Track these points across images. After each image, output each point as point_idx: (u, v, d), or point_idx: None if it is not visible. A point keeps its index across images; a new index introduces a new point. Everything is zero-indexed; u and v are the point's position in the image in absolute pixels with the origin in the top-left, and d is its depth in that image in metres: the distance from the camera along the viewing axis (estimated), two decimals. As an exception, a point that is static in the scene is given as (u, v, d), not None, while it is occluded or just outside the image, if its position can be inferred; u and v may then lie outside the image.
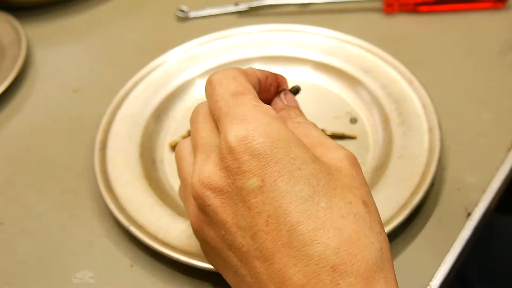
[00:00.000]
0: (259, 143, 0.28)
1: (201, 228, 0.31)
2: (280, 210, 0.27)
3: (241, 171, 0.28)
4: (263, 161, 0.28)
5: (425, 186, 0.39)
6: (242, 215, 0.28)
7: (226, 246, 0.29)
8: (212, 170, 0.29)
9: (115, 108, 0.49)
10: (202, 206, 0.30)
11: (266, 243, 0.27)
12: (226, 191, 0.28)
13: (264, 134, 0.28)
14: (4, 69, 0.55)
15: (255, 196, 0.27)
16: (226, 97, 0.31)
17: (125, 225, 0.40)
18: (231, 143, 0.28)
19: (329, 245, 0.26)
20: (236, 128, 0.28)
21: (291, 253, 0.26)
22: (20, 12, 0.62)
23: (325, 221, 0.26)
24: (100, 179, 0.43)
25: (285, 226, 0.27)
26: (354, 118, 0.47)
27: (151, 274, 0.39)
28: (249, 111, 0.29)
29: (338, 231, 0.26)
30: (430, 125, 0.43)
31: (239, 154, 0.28)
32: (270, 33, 0.54)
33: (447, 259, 0.38)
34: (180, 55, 0.53)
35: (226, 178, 0.28)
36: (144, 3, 0.65)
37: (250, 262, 0.28)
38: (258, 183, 0.27)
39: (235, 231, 0.28)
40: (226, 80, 0.32)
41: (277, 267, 0.26)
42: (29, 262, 0.41)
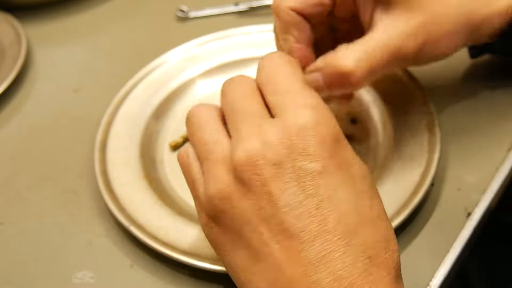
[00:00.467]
0: (328, 135, 0.29)
1: (230, 197, 0.30)
2: (333, 198, 0.28)
3: (306, 153, 0.29)
4: (327, 151, 0.29)
5: (425, 186, 0.39)
6: (293, 193, 0.28)
7: (259, 219, 0.29)
8: (272, 142, 0.29)
9: (115, 108, 0.49)
10: (247, 174, 0.29)
11: (311, 225, 0.28)
12: (282, 166, 0.29)
13: (333, 127, 0.30)
14: (4, 69, 0.55)
15: (313, 179, 0.28)
16: (299, 79, 0.32)
17: (125, 225, 0.40)
18: (302, 124, 0.29)
19: (368, 239, 0.28)
20: (311, 112, 0.29)
21: (334, 239, 0.27)
22: (20, 12, 0.62)
23: (366, 217, 0.29)
24: (100, 179, 0.43)
25: (334, 213, 0.28)
26: (354, 118, 0.47)
27: (151, 274, 0.39)
28: (321, 103, 0.31)
29: (375, 229, 0.29)
30: (430, 125, 0.43)
31: (309, 136, 0.29)
32: (270, 33, 0.54)
33: (447, 259, 0.38)
34: (180, 55, 0.53)
35: (286, 154, 0.29)
36: (144, 3, 0.65)
37: (286, 240, 0.28)
38: (318, 168, 0.28)
39: (281, 206, 0.28)
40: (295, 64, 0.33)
41: (316, 250, 0.27)
42: (29, 262, 0.41)
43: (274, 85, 0.32)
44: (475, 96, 0.48)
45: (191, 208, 0.42)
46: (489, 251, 0.60)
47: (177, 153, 0.46)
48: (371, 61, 0.36)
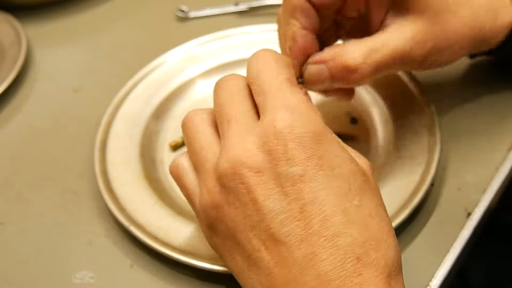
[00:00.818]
0: (307, 136, 0.29)
1: (219, 206, 0.30)
2: (316, 201, 0.28)
3: (285, 158, 0.29)
4: (308, 153, 0.29)
5: (425, 186, 0.39)
6: (277, 199, 0.28)
7: (248, 227, 0.29)
8: (252, 151, 0.29)
9: (115, 108, 0.49)
10: (232, 183, 0.29)
11: (296, 230, 0.28)
12: (264, 174, 0.29)
13: (314, 128, 0.29)
14: (4, 69, 0.55)
15: (294, 184, 0.28)
16: (281, 77, 0.31)
17: (125, 225, 0.40)
18: (279, 127, 0.29)
19: (357, 239, 0.28)
20: (287, 115, 0.29)
21: (320, 241, 0.27)
22: (20, 12, 0.62)
23: (355, 217, 0.28)
24: (100, 179, 0.43)
25: (319, 216, 0.28)
26: (354, 118, 0.47)
27: (151, 274, 0.39)
28: (301, 103, 0.30)
29: (365, 228, 0.28)
30: (430, 125, 0.43)
31: (286, 140, 0.29)
32: (270, 33, 0.54)
33: (447, 259, 0.38)
34: (180, 55, 0.53)
35: (267, 161, 0.29)
36: (144, 3, 0.65)
37: (273, 245, 0.28)
38: (299, 172, 0.28)
39: (265, 212, 0.28)
40: (282, 62, 0.32)
41: (303, 253, 0.27)
42: (29, 262, 0.41)
43: (258, 84, 0.32)
44: (475, 96, 0.48)
45: (191, 208, 0.42)
46: (489, 251, 0.60)
47: (177, 153, 0.47)
48: (378, 59, 0.36)
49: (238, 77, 0.33)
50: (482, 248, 0.58)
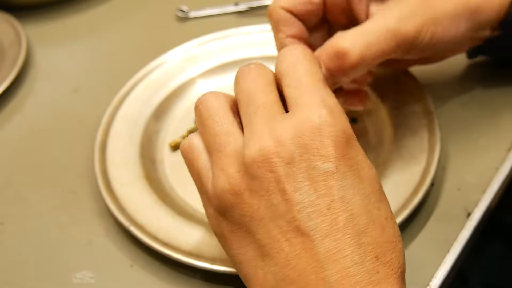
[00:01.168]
0: (341, 136, 0.29)
1: (240, 193, 0.30)
2: (344, 199, 0.29)
3: (319, 153, 0.29)
4: (340, 152, 0.29)
5: (425, 186, 0.39)
6: (306, 192, 0.29)
7: (270, 216, 0.29)
8: (286, 141, 0.29)
9: (115, 108, 0.49)
10: (260, 171, 0.29)
11: (321, 224, 0.28)
12: (296, 166, 0.29)
13: (346, 129, 0.30)
14: (4, 69, 0.55)
15: (325, 180, 0.29)
16: (318, 77, 0.32)
17: (125, 225, 0.40)
18: (317, 124, 0.29)
19: (376, 239, 0.29)
20: (325, 113, 0.30)
21: (343, 238, 0.28)
22: (20, 12, 0.62)
23: (375, 219, 0.29)
24: (100, 179, 0.43)
25: (345, 213, 0.28)
26: (354, 118, 0.47)
27: (151, 274, 0.39)
28: (336, 105, 0.31)
29: (384, 230, 0.29)
30: (430, 125, 0.43)
31: (322, 137, 0.29)
32: (271, 33, 0.54)
33: (447, 259, 0.38)
34: (180, 55, 0.53)
35: (300, 153, 0.29)
36: (144, 3, 0.65)
37: (295, 237, 0.28)
38: (332, 169, 0.29)
39: (293, 203, 0.29)
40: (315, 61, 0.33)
41: (326, 248, 0.28)
42: (29, 262, 0.41)
43: (294, 77, 0.32)
44: (475, 96, 0.48)
45: (191, 208, 0.42)
46: (489, 251, 0.60)
47: (177, 153, 0.47)
48: (368, 39, 0.36)
49: (265, 68, 0.33)
50: (482, 248, 0.58)
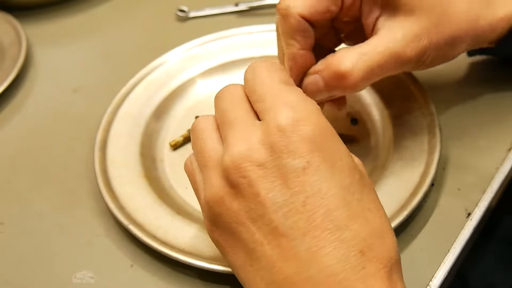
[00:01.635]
0: (310, 129, 0.29)
1: (222, 201, 0.31)
2: (320, 194, 0.28)
3: (288, 150, 0.29)
4: (311, 146, 0.29)
5: (425, 186, 0.39)
6: (279, 192, 0.29)
7: (251, 220, 0.29)
8: (255, 144, 0.30)
9: (116, 107, 0.49)
10: (234, 177, 0.30)
11: (299, 223, 0.28)
12: (266, 167, 0.29)
13: (316, 122, 0.30)
14: (4, 69, 0.55)
15: (297, 177, 0.29)
16: (277, 81, 0.32)
17: (124, 223, 0.40)
18: (283, 121, 0.29)
19: (360, 233, 0.28)
20: (289, 110, 0.30)
21: (323, 235, 0.28)
22: (20, 12, 0.62)
23: (357, 211, 0.29)
24: (100, 178, 0.43)
25: (322, 209, 0.28)
26: (354, 119, 0.47)
27: (151, 274, 0.39)
28: (301, 99, 0.31)
29: (367, 222, 0.29)
30: (430, 125, 0.43)
31: (289, 133, 0.29)
32: (271, 33, 0.54)
33: (447, 259, 0.38)
34: (180, 55, 0.53)
35: (269, 154, 0.29)
36: (144, 3, 0.65)
37: (276, 239, 0.29)
38: (302, 164, 0.29)
39: (268, 205, 0.29)
40: (274, 67, 0.33)
41: (306, 246, 0.28)
42: (29, 262, 0.41)
43: (256, 93, 0.32)
44: (475, 97, 0.48)
45: (190, 207, 0.42)
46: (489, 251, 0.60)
47: (177, 152, 0.47)
48: (369, 63, 0.36)
49: (237, 86, 0.34)
50: (482, 248, 0.58)
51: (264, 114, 0.31)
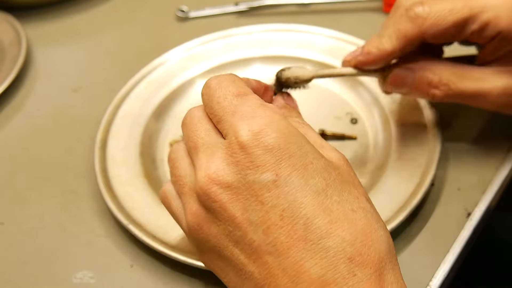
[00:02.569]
0: (273, 138, 0.28)
1: (201, 226, 0.30)
2: (295, 204, 0.27)
3: (254, 166, 0.28)
4: (277, 156, 0.28)
5: (425, 186, 0.39)
6: (254, 210, 0.28)
7: (232, 243, 0.29)
8: (220, 166, 0.29)
9: (116, 107, 0.49)
10: (207, 202, 0.29)
11: (280, 237, 0.27)
12: (235, 186, 0.28)
13: (277, 129, 0.28)
14: (4, 69, 0.55)
15: (269, 191, 0.28)
16: (230, 97, 0.31)
17: (124, 223, 0.40)
18: (243, 137, 0.28)
19: (345, 238, 0.27)
20: (248, 124, 0.29)
21: (307, 246, 0.27)
22: (20, 12, 0.62)
23: (338, 215, 0.27)
24: (100, 177, 0.43)
25: (301, 219, 0.27)
26: (354, 119, 0.47)
27: (151, 274, 0.39)
28: (258, 108, 0.30)
29: (352, 224, 0.27)
30: (430, 125, 0.43)
31: (251, 148, 0.28)
32: (271, 33, 0.54)
33: (447, 259, 0.38)
34: (180, 54, 0.53)
35: (236, 173, 0.28)
36: (144, 3, 0.65)
37: (261, 258, 0.28)
38: (272, 177, 0.28)
39: (245, 226, 0.28)
40: (226, 82, 0.32)
41: (292, 261, 0.27)
42: (29, 262, 0.41)
43: (214, 113, 0.32)
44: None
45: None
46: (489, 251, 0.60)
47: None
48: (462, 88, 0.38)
49: (197, 108, 0.33)
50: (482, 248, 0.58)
51: (226, 134, 0.30)
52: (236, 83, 0.32)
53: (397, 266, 0.28)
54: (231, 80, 0.32)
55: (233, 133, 0.29)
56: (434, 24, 0.36)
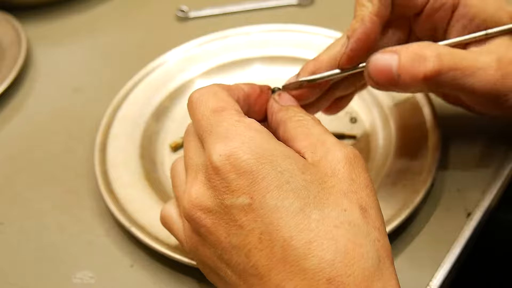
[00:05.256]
0: (243, 161, 0.28)
1: (197, 248, 0.31)
2: (271, 226, 0.27)
3: (229, 190, 0.28)
4: (250, 179, 0.27)
5: (425, 186, 0.39)
6: (234, 234, 0.28)
7: (224, 263, 0.29)
8: (200, 190, 0.29)
9: (115, 108, 0.49)
10: (196, 227, 0.30)
11: (261, 260, 0.27)
12: (216, 211, 0.28)
13: (248, 150, 0.28)
14: (4, 69, 0.55)
15: (246, 214, 0.27)
16: (208, 114, 0.30)
17: (126, 226, 0.40)
18: (216, 163, 0.28)
19: (324, 258, 0.26)
20: (219, 147, 0.28)
21: (286, 268, 0.26)
22: (20, 12, 0.62)
23: (318, 233, 0.26)
24: (100, 180, 0.43)
25: (278, 242, 0.27)
26: (354, 118, 0.47)
27: (151, 274, 0.39)
28: (231, 128, 0.29)
29: (333, 241, 0.26)
30: (430, 125, 0.43)
31: (225, 173, 0.28)
32: (270, 33, 0.54)
33: (447, 259, 0.38)
34: (180, 55, 0.53)
35: (215, 198, 0.28)
36: (144, 3, 0.65)
37: (247, 280, 0.28)
38: (247, 201, 0.27)
39: (230, 250, 0.28)
40: (206, 96, 0.31)
41: (274, 283, 0.27)
42: (29, 262, 0.41)
43: (197, 132, 0.32)
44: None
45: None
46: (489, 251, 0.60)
47: (177, 153, 0.47)
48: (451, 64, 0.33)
49: (189, 125, 0.33)
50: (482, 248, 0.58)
51: (205, 155, 0.30)
52: (217, 95, 0.31)
53: (392, 280, 0.27)
54: (212, 93, 0.32)
55: (208, 156, 0.29)
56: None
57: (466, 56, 0.33)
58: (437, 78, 0.32)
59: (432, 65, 0.32)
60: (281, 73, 0.38)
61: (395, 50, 0.33)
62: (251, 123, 0.29)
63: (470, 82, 0.33)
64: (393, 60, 0.33)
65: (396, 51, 0.33)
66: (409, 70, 0.32)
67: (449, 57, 0.33)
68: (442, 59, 0.32)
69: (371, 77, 0.34)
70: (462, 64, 0.33)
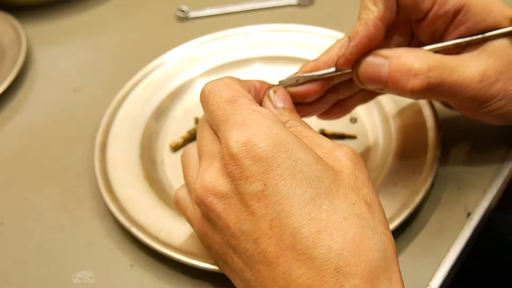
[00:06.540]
0: (260, 148, 0.28)
1: (206, 233, 0.31)
2: (282, 214, 0.27)
3: (244, 176, 0.28)
4: (265, 165, 0.28)
5: (425, 186, 0.39)
6: (245, 220, 0.28)
7: (232, 250, 0.29)
8: (215, 176, 0.29)
9: (115, 108, 0.49)
10: (206, 211, 0.30)
11: (269, 247, 0.27)
12: (229, 196, 0.29)
13: (265, 138, 0.28)
14: (4, 69, 0.55)
15: (258, 201, 0.28)
16: (222, 104, 0.31)
17: (126, 226, 0.40)
18: (233, 149, 0.28)
19: (332, 247, 0.26)
20: (236, 134, 0.29)
21: (294, 256, 0.26)
22: (20, 12, 0.62)
23: (327, 223, 0.27)
24: (100, 180, 0.43)
25: (288, 229, 0.27)
26: (354, 118, 0.47)
27: (151, 274, 0.39)
28: (248, 116, 0.29)
29: (342, 232, 0.27)
30: (430, 125, 0.43)
31: (241, 159, 0.28)
32: (270, 33, 0.54)
33: (447, 259, 0.38)
34: (180, 55, 0.53)
35: (229, 183, 0.29)
36: (144, 3, 0.65)
37: (254, 266, 0.28)
38: (260, 187, 0.28)
39: (239, 235, 0.28)
40: (219, 87, 0.32)
41: (281, 271, 0.27)
42: (29, 262, 0.41)
43: (211, 123, 0.32)
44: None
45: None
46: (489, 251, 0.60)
47: (177, 153, 0.47)
48: (442, 77, 0.34)
49: (202, 117, 0.33)
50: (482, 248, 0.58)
51: (221, 143, 0.30)
52: (230, 86, 0.32)
53: (396, 274, 0.27)
54: (224, 84, 0.32)
55: (225, 143, 0.29)
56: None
57: (456, 68, 0.34)
58: (423, 92, 0.34)
59: (420, 83, 0.33)
60: (281, 73, 0.38)
61: (387, 56, 0.34)
62: (267, 113, 0.30)
63: (455, 93, 0.35)
64: (383, 67, 0.34)
65: (387, 56, 0.34)
66: (397, 82, 0.34)
67: (438, 72, 0.34)
68: (430, 76, 0.33)
69: (359, 78, 0.35)
70: (450, 79, 0.34)
